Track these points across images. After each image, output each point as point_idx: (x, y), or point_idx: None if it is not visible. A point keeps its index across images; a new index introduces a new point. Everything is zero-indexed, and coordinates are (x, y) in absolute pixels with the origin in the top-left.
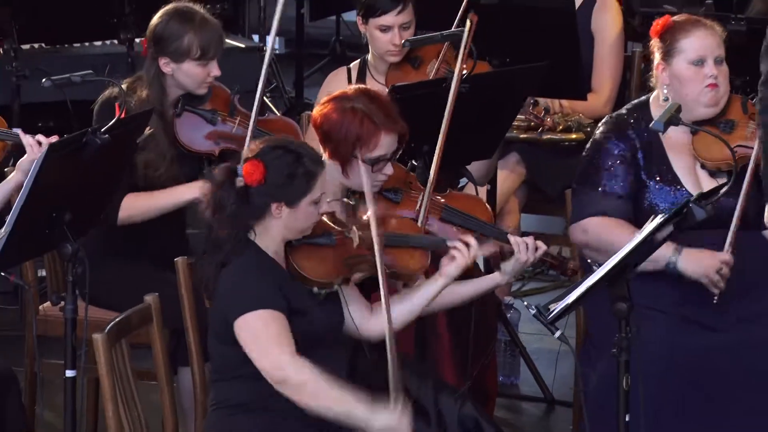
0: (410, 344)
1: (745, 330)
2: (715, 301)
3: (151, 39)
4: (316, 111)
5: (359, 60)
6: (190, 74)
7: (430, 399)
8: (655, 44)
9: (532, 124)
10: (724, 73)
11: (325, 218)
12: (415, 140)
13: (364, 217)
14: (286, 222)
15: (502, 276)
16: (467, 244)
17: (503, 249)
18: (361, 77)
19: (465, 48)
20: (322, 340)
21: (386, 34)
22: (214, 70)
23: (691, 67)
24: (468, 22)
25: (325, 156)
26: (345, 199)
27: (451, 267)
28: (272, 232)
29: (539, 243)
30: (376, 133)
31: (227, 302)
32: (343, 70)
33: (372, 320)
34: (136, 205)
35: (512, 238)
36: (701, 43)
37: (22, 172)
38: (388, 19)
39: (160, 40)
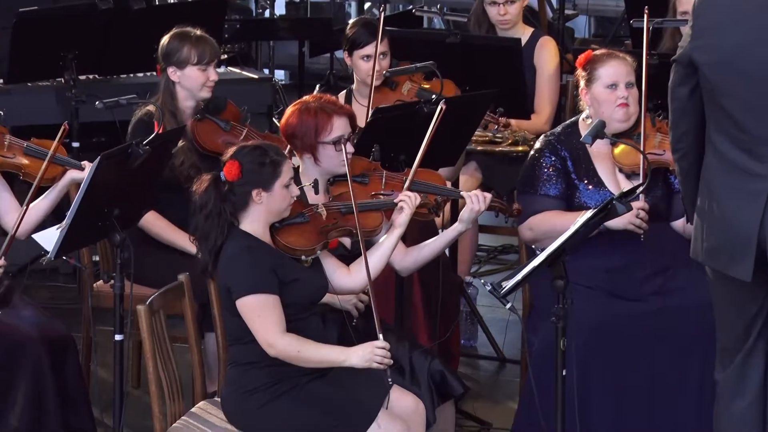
0: (391, 315)
1: (658, 301)
2: (642, 239)
3: (160, 56)
4: (281, 123)
5: (345, 90)
6: (192, 78)
7: (405, 357)
8: (579, 73)
9: (495, 133)
10: (634, 95)
11: (296, 202)
12: (393, 150)
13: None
14: (267, 205)
15: (462, 224)
16: (409, 197)
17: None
18: (347, 102)
19: (435, 124)
20: (314, 299)
21: (368, 62)
22: (212, 74)
23: (606, 90)
24: (439, 108)
25: (297, 156)
26: (317, 180)
27: (401, 217)
28: (257, 217)
29: (486, 194)
30: (329, 119)
31: (230, 281)
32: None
33: (350, 278)
34: (153, 225)
35: (465, 194)
36: (614, 70)
37: (66, 181)
38: (369, 49)
39: (166, 55)
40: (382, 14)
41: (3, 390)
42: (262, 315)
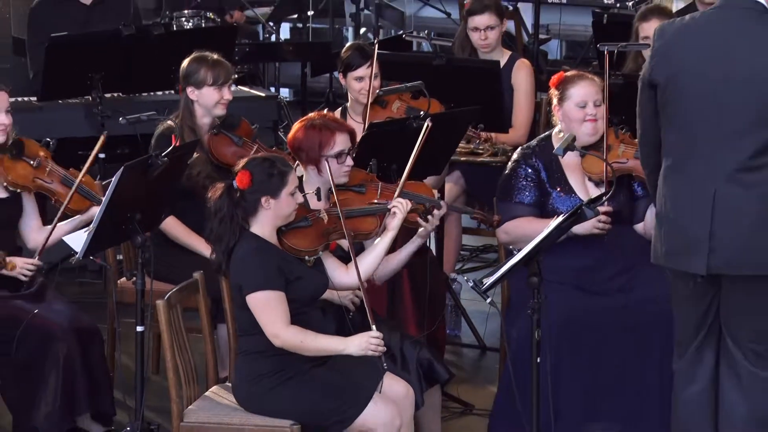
0: (383, 308)
1: (622, 297)
2: (605, 240)
3: (181, 77)
4: (288, 138)
5: (341, 107)
6: (208, 97)
7: (397, 345)
8: (552, 92)
9: (476, 146)
10: (602, 111)
11: (300, 208)
12: (386, 161)
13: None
14: (275, 211)
15: (419, 238)
16: (401, 203)
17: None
18: (342, 118)
19: (422, 138)
20: (316, 295)
21: (360, 83)
22: (227, 94)
23: (576, 108)
24: (426, 124)
25: (302, 167)
26: (320, 188)
27: (393, 221)
28: (266, 221)
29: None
30: (332, 135)
31: (241, 279)
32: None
33: (347, 276)
34: (173, 229)
35: (441, 202)
36: (584, 91)
37: (89, 215)
38: (361, 71)
39: (186, 76)
40: (376, 43)
41: (38, 375)
42: (268, 309)
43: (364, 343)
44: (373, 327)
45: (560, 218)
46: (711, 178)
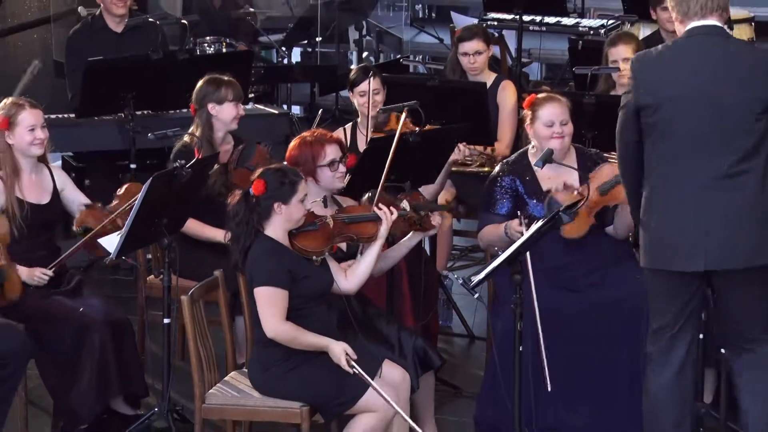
0: (383, 301)
1: (594, 292)
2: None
3: (198, 96)
4: (287, 155)
5: (351, 122)
6: (228, 112)
7: (394, 335)
8: (525, 113)
9: (463, 158)
10: (569, 129)
11: (309, 214)
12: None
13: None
14: (286, 215)
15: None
16: (383, 210)
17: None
18: (353, 132)
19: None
20: (323, 292)
21: (363, 97)
22: (241, 110)
23: (545, 127)
24: (403, 116)
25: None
26: (326, 196)
27: (381, 229)
28: (278, 225)
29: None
30: (322, 147)
31: (252, 274)
32: (341, 129)
33: (347, 282)
34: (193, 229)
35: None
36: (551, 111)
37: None
38: (363, 87)
39: (206, 94)
40: (372, 61)
41: (75, 362)
42: (269, 304)
43: (342, 356)
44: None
45: (539, 223)
46: (697, 185)
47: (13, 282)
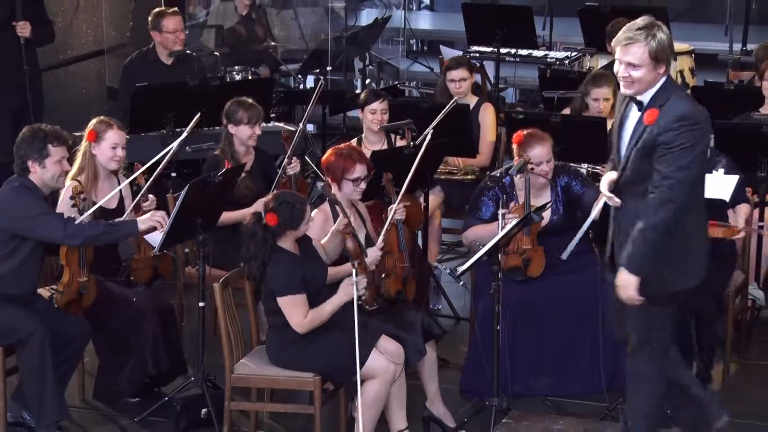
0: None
1: (561, 282)
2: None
3: (224, 115)
4: (324, 158)
5: (357, 137)
6: (243, 132)
7: (406, 314)
8: (515, 148)
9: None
10: (551, 165)
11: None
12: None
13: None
14: (294, 235)
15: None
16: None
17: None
18: (359, 144)
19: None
20: (324, 284)
21: (374, 115)
22: (258, 130)
23: (535, 167)
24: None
25: (329, 181)
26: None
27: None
28: (288, 240)
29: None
30: (353, 164)
31: (273, 285)
32: (350, 142)
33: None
34: (225, 216)
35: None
36: (540, 152)
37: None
38: (374, 106)
39: (228, 115)
40: (374, 86)
41: (127, 343)
42: (293, 308)
43: (348, 288)
44: (354, 272)
45: (514, 221)
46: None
47: (90, 293)
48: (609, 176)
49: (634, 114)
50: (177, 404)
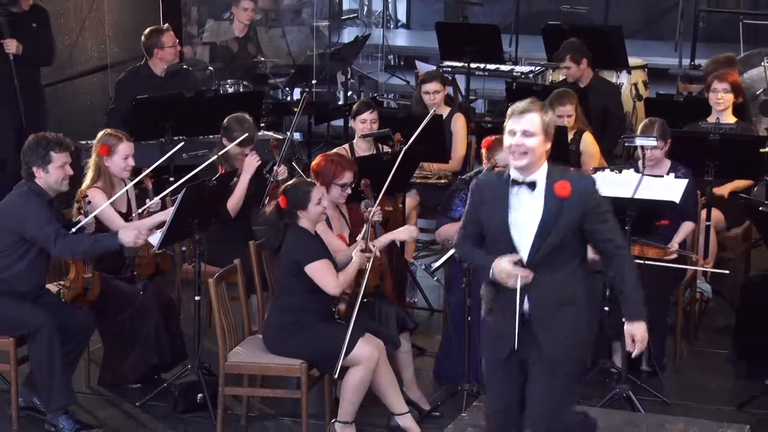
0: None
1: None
2: None
3: (223, 128)
4: (314, 163)
5: (348, 143)
6: (233, 150)
7: (380, 306)
8: (484, 152)
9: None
10: None
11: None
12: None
13: None
14: (308, 216)
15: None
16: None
17: None
18: (351, 150)
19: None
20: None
21: (364, 124)
22: (247, 153)
23: (503, 169)
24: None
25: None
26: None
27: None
28: (306, 222)
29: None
30: (342, 170)
31: (298, 255)
32: (342, 147)
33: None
34: (230, 204)
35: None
36: (505, 155)
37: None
38: (365, 116)
39: (225, 129)
40: (355, 98)
41: (137, 333)
42: (322, 273)
43: (362, 255)
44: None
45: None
46: None
47: (95, 288)
48: (508, 259)
49: (525, 198)
50: (175, 390)
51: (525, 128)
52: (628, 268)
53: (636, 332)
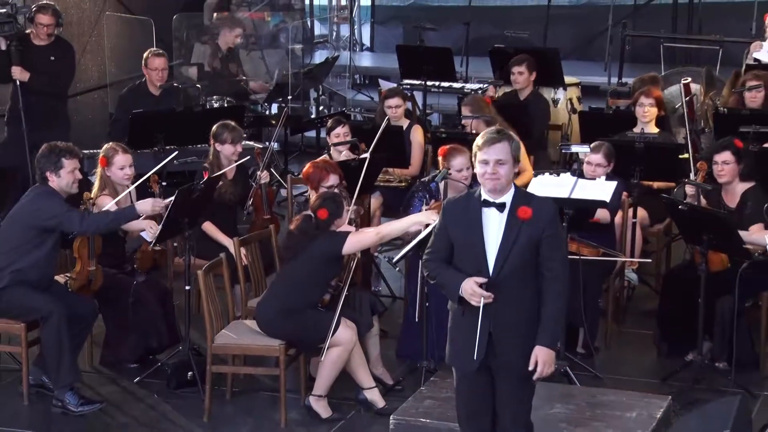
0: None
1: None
2: None
3: (211, 135)
4: (304, 170)
5: (325, 153)
6: (228, 149)
7: (356, 294)
8: (440, 160)
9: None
10: (470, 171)
11: None
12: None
13: None
14: (339, 224)
15: None
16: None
17: None
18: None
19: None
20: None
21: (338, 138)
22: (239, 148)
23: (456, 172)
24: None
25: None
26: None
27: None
28: (336, 228)
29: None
30: (327, 174)
31: (331, 245)
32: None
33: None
34: (209, 230)
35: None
36: (459, 161)
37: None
38: (338, 130)
39: (215, 135)
40: (326, 112)
41: (136, 319)
42: (358, 237)
43: (430, 215)
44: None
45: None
46: None
47: (97, 279)
48: (472, 282)
49: (494, 218)
50: (168, 368)
51: (498, 158)
52: (556, 298)
53: (542, 356)
